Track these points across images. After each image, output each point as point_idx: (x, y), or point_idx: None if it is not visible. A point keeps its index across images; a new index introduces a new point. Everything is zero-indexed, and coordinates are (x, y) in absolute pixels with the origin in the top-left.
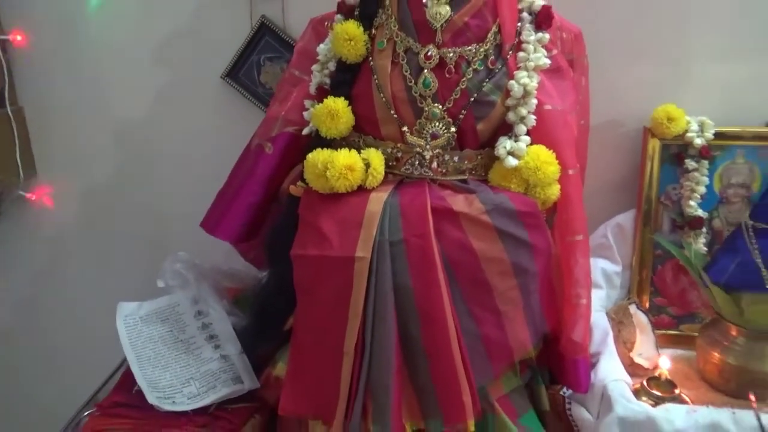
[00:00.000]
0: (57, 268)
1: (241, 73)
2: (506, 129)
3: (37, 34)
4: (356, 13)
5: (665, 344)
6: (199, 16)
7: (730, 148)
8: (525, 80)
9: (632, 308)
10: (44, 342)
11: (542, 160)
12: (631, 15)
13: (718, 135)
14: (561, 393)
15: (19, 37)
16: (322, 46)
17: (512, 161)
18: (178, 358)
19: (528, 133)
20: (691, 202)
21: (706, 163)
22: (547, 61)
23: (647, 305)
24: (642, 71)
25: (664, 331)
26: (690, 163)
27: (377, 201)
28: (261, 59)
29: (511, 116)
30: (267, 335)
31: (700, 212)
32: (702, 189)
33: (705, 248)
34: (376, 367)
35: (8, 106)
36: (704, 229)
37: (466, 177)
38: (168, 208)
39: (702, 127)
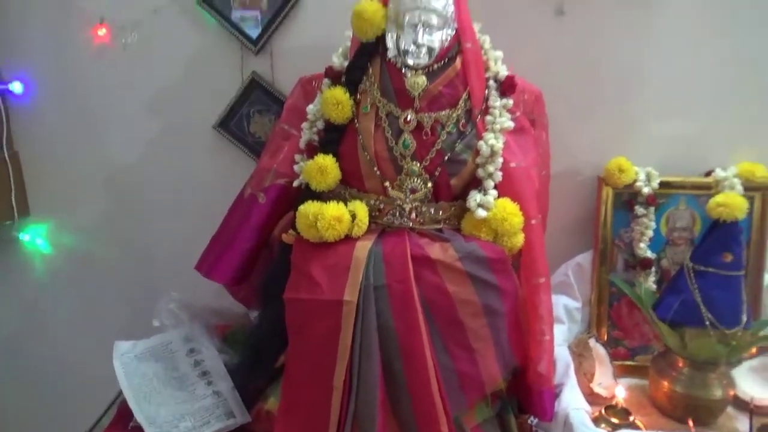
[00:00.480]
0: (48, 307)
1: (232, 123)
2: (477, 183)
3: (36, 84)
4: (343, 78)
5: (622, 374)
6: (194, 70)
7: (674, 196)
8: (492, 141)
9: (592, 341)
10: (37, 380)
11: (508, 211)
12: (586, 78)
13: (663, 184)
14: (529, 422)
15: (18, 86)
16: (311, 106)
17: (482, 213)
18: (174, 395)
19: (495, 188)
20: (641, 244)
21: (652, 209)
22: (512, 124)
23: (605, 338)
24: (596, 127)
25: (621, 362)
26: (639, 209)
27: (363, 249)
28: (251, 111)
29: (480, 172)
30: (260, 372)
31: (649, 253)
32: (650, 232)
33: (654, 286)
34: (362, 400)
35: (5, 151)
36: (653, 269)
37: (441, 226)
38: (158, 250)
39: (649, 178)
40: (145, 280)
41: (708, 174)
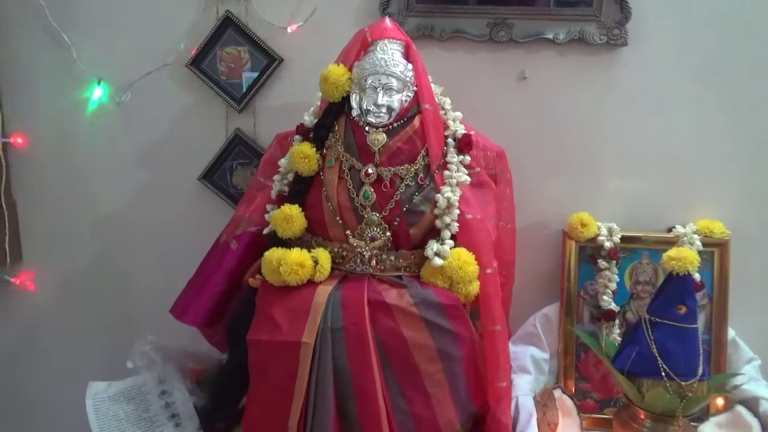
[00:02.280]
0: (34, 348)
1: (215, 176)
2: (435, 233)
3: (35, 138)
4: (311, 135)
5: (591, 427)
6: (182, 126)
7: (637, 251)
8: (449, 194)
9: (557, 392)
10: (20, 417)
11: (463, 260)
12: (549, 138)
13: (625, 239)
14: None
15: (19, 140)
16: (283, 160)
17: (438, 261)
18: None
19: (453, 238)
20: (605, 297)
21: (614, 262)
22: (468, 179)
23: (573, 390)
24: (560, 184)
25: (589, 414)
26: (602, 263)
27: (323, 293)
28: (234, 164)
29: (438, 223)
30: (224, 412)
31: (612, 306)
32: (613, 285)
33: (619, 338)
34: None
35: (3, 199)
36: (618, 321)
37: (401, 273)
38: (142, 295)
39: (610, 232)
40: (129, 325)
41: (669, 230)
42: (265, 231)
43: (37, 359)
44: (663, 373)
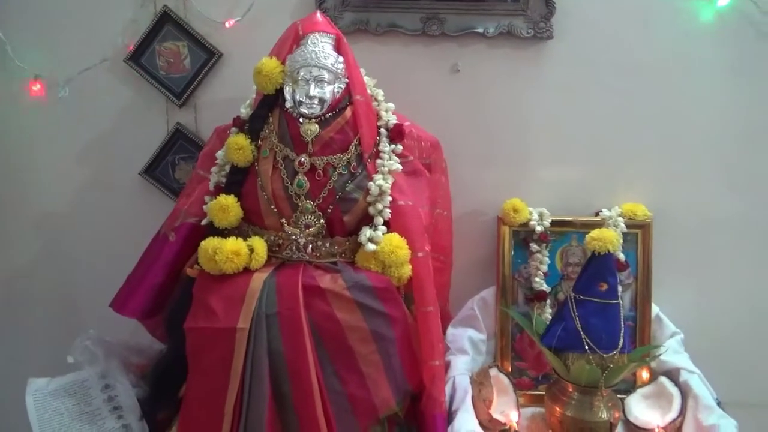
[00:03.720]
0: None
1: (157, 170)
2: (369, 220)
3: None
4: (246, 127)
5: (528, 403)
6: (122, 122)
7: (567, 234)
8: (380, 182)
9: (493, 371)
10: None
11: (394, 245)
12: (482, 128)
13: (555, 223)
14: None
15: None
16: (219, 152)
17: (371, 246)
18: (82, 429)
19: (385, 224)
20: (537, 279)
21: (545, 245)
22: (399, 167)
23: (509, 369)
24: (494, 172)
25: (525, 392)
26: (534, 246)
27: (258, 279)
28: (176, 159)
29: (371, 210)
30: (165, 401)
31: (544, 287)
32: (545, 267)
33: (551, 318)
34: (251, 424)
35: None
36: (549, 302)
37: (336, 260)
38: (84, 291)
39: (541, 217)
40: (70, 321)
41: (597, 213)
42: (204, 222)
43: None
44: (586, 347)
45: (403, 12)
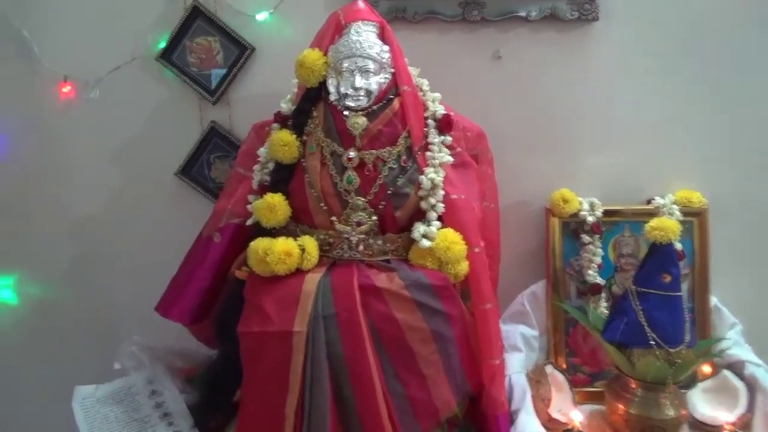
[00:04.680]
0: (14, 357)
1: (192, 170)
2: (421, 215)
3: (3, 140)
4: (289, 122)
5: (584, 401)
6: (155, 121)
7: (619, 224)
8: (432, 175)
9: (548, 368)
10: (2, 428)
11: (450, 240)
12: (527, 116)
13: (607, 213)
14: None
15: None
16: (262, 149)
17: (426, 243)
18: None
19: (439, 219)
20: (590, 271)
21: (598, 237)
22: (450, 159)
23: (564, 365)
24: (541, 161)
25: (581, 389)
26: (585, 238)
27: (312, 281)
28: (211, 158)
29: (423, 205)
30: (217, 407)
31: (598, 279)
32: (598, 259)
33: (606, 311)
34: (314, 428)
35: None
36: (604, 295)
37: (389, 257)
38: (123, 295)
39: (592, 207)
40: (111, 326)
41: (649, 202)
42: (249, 222)
43: (17, 367)
44: (652, 342)
45: None
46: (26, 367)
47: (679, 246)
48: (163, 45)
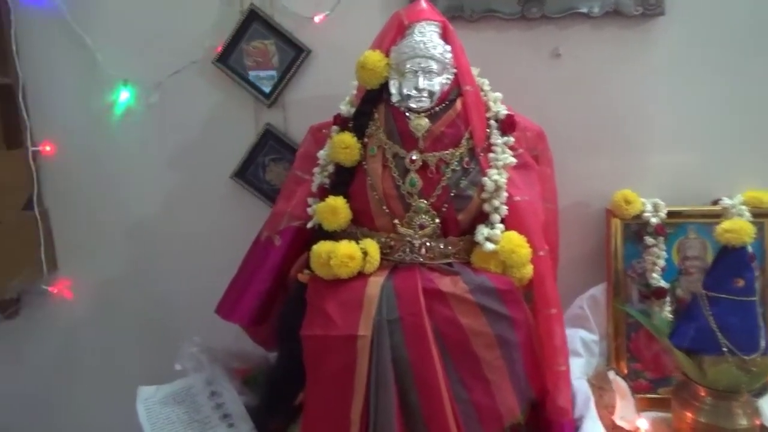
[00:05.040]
0: (75, 356)
1: (248, 172)
2: (483, 218)
3: (64, 145)
4: (350, 124)
5: (645, 407)
6: (211, 125)
7: (683, 225)
8: (496, 177)
9: (611, 374)
10: (62, 427)
11: (515, 243)
12: (587, 115)
13: (671, 214)
14: None
15: (48, 148)
16: (322, 152)
17: (490, 246)
18: None
19: (502, 221)
20: (654, 274)
21: (662, 239)
22: (514, 160)
23: (625, 371)
24: (601, 161)
25: (642, 395)
26: (649, 240)
27: (375, 284)
28: (266, 160)
29: (486, 207)
30: (279, 410)
31: (662, 283)
32: (662, 262)
33: (671, 315)
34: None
35: (36, 208)
36: (668, 298)
37: (451, 260)
38: (180, 296)
39: (656, 208)
40: (168, 326)
41: (715, 202)
42: (310, 224)
43: (77, 367)
44: (725, 349)
45: None
46: (87, 367)
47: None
48: (220, 49)
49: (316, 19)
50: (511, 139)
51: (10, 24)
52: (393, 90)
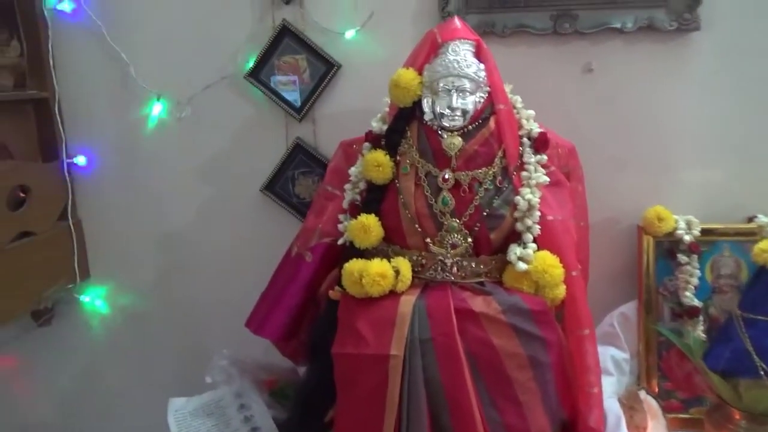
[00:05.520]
0: (106, 365)
1: (277, 186)
2: (516, 237)
3: (97, 156)
4: (382, 142)
5: (676, 427)
6: (241, 138)
7: (717, 243)
8: (529, 196)
9: (642, 394)
10: None
11: (548, 263)
12: (618, 130)
13: (704, 231)
14: None
15: (82, 160)
16: (353, 168)
17: (522, 266)
18: None
19: (534, 241)
20: (687, 293)
21: (696, 257)
22: (547, 179)
23: (656, 390)
24: (632, 177)
25: (674, 415)
26: (682, 258)
27: (407, 303)
28: (295, 174)
29: (519, 226)
30: (309, 427)
31: (696, 302)
32: (695, 280)
33: (704, 335)
34: None
35: (70, 219)
36: (701, 317)
37: (483, 279)
38: (209, 308)
39: (689, 225)
40: (197, 338)
41: (750, 220)
42: (340, 241)
43: (107, 376)
44: (762, 372)
45: (531, 11)
46: (118, 376)
47: None
48: (251, 64)
49: (347, 34)
50: (545, 158)
51: (48, 38)
52: (426, 108)
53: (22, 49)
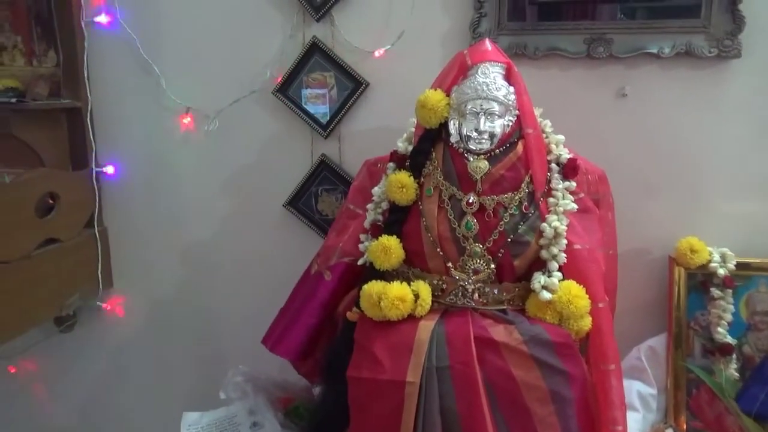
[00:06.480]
0: (124, 372)
1: (300, 202)
2: (540, 265)
3: (126, 166)
4: (407, 162)
5: None
6: (267, 153)
7: (753, 278)
8: (555, 223)
9: None
10: None
11: (573, 294)
12: (651, 157)
13: (740, 265)
14: None
15: (110, 169)
16: (377, 188)
17: (546, 295)
18: None
19: (560, 269)
20: (720, 329)
21: (730, 291)
22: (575, 206)
23: (684, 429)
24: (664, 206)
25: None
26: (715, 292)
27: (425, 329)
28: (319, 190)
29: (544, 254)
30: None
31: (729, 339)
32: (729, 316)
33: (737, 374)
34: None
35: (96, 227)
36: (734, 355)
37: (505, 307)
38: (228, 322)
39: (724, 258)
40: (215, 350)
41: None
42: (360, 262)
43: (126, 383)
44: None
45: (564, 34)
46: (135, 384)
47: None
48: (280, 79)
49: (377, 53)
50: (573, 184)
51: (84, 50)
52: (452, 130)
53: (59, 60)
